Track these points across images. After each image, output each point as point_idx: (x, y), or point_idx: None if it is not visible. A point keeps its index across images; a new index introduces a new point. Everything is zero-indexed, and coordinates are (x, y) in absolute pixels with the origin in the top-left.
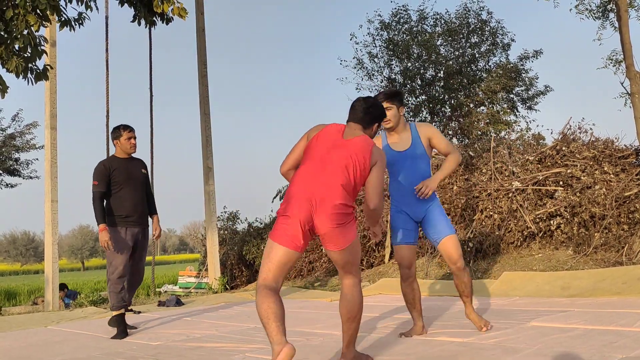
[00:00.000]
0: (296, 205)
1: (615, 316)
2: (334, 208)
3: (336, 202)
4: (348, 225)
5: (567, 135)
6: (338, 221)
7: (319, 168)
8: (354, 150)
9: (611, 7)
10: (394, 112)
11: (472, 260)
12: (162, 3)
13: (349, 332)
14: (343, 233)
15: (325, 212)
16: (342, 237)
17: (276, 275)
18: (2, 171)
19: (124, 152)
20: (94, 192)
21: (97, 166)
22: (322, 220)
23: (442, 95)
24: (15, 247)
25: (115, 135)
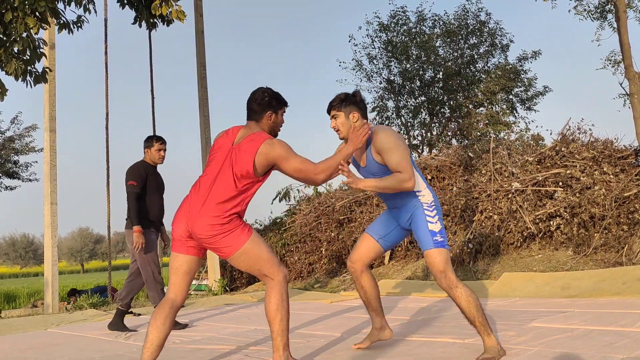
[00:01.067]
0: (176, 217)
1: (616, 317)
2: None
3: (211, 215)
4: (230, 235)
5: (566, 135)
6: (213, 233)
7: (203, 181)
8: (237, 158)
9: (610, 8)
10: (341, 120)
11: (472, 261)
12: (160, 6)
13: (272, 336)
14: (224, 242)
15: (199, 226)
16: (224, 247)
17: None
18: (2, 174)
19: (152, 162)
20: (132, 192)
21: (135, 168)
22: (199, 230)
23: (441, 96)
24: (15, 250)
25: (147, 144)
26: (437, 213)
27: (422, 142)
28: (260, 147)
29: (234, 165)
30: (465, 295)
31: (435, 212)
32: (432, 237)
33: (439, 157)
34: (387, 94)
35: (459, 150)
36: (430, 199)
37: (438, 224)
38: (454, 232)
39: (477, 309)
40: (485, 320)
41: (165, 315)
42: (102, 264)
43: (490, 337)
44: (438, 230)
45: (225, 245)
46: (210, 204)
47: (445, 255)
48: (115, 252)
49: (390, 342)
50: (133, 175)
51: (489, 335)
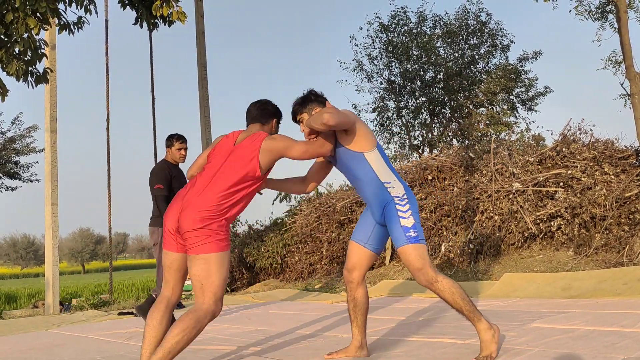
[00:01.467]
0: (168, 211)
1: (617, 317)
2: (197, 214)
3: (203, 208)
4: (209, 236)
5: (567, 136)
6: (195, 227)
7: (200, 178)
8: (239, 156)
9: (610, 9)
10: (305, 121)
11: (473, 261)
12: (161, 7)
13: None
14: (198, 240)
15: (186, 217)
16: (195, 243)
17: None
18: (2, 174)
19: (174, 161)
20: (160, 195)
21: (159, 170)
22: (184, 221)
23: (442, 96)
24: (16, 250)
25: (169, 143)
26: (411, 207)
27: (423, 143)
28: (263, 143)
29: (236, 163)
30: (448, 287)
31: (407, 205)
32: (404, 232)
33: (439, 158)
34: (387, 94)
35: (459, 151)
36: (401, 192)
37: (411, 218)
38: (454, 232)
39: (462, 297)
40: (472, 306)
41: (161, 314)
42: (103, 264)
43: (481, 322)
44: (411, 225)
45: (197, 242)
46: (203, 199)
47: (420, 251)
48: (116, 253)
49: (391, 343)
50: (158, 178)
51: (479, 320)
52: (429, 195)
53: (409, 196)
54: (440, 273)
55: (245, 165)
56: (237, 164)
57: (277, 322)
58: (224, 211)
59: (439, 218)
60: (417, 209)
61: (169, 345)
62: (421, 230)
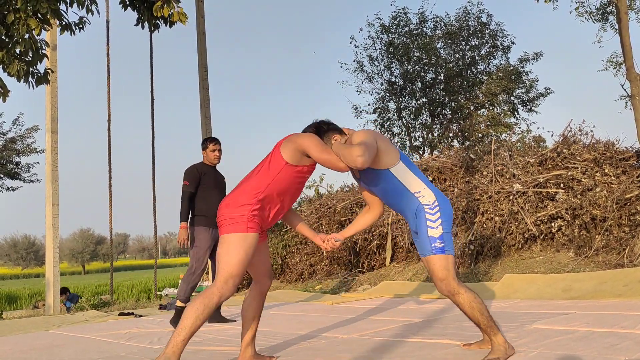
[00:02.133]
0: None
1: (617, 318)
2: (232, 200)
3: (236, 197)
4: (234, 218)
5: (567, 137)
6: (227, 208)
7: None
8: (274, 152)
9: (611, 10)
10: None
11: (473, 262)
12: (162, 8)
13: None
14: (225, 221)
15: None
16: (223, 225)
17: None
18: (3, 175)
19: (209, 162)
20: (184, 191)
21: (190, 168)
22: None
23: (443, 97)
24: (16, 251)
25: (203, 146)
26: (441, 216)
27: (424, 144)
28: (289, 136)
29: (265, 159)
30: (468, 301)
31: (438, 214)
32: (431, 243)
33: (440, 159)
34: (388, 95)
35: (460, 152)
36: (431, 200)
37: (440, 228)
38: (455, 233)
39: (481, 312)
40: (491, 321)
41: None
42: (103, 265)
43: (497, 336)
44: (438, 236)
45: (222, 224)
46: (238, 191)
47: (445, 262)
48: (116, 254)
49: (391, 344)
50: (187, 176)
51: (495, 334)
52: None
53: (441, 203)
54: (463, 286)
55: (269, 156)
56: (265, 162)
57: (278, 323)
58: (254, 199)
59: None
60: (449, 218)
61: (188, 323)
62: (450, 239)
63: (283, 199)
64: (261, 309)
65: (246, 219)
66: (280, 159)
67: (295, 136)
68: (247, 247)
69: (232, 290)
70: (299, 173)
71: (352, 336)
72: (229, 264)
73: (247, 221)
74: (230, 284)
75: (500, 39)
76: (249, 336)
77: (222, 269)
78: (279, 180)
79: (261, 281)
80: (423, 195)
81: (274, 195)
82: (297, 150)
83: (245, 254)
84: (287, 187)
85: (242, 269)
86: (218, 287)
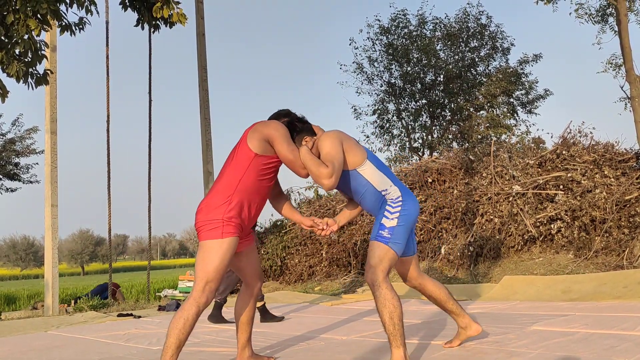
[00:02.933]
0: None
1: (617, 320)
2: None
3: (210, 201)
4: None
5: (567, 139)
6: (202, 215)
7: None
8: (236, 148)
9: (610, 12)
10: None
11: (473, 264)
12: (162, 9)
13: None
14: (201, 228)
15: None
16: (200, 232)
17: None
18: (2, 176)
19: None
20: None
21: None
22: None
23: (442, 99)
24: (15, 252)
25: None
26: (401, 211)
27: (423, 145)
28: (254, 125)
29: (233, 155)
30: (383, 299)
31: (398, 208)
32: (378, 229)
33: (439, 160)
34: (387, 96)
35: (459, 153)
36: (396, 195)
37: (394, 220)
38: (454, 235)
39: (391, 317)
40: (397, 330)
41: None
42: (102, 266)
43: (397, 350)
44: (389, 227)
45: (200, 230)
46: (211, 194)
47: (382, 252)
48: (115, 255)
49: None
50: None
51: (397, 347)
52: (429, 197)
53: (405, 200)
54: (389, 284)
55: (235, 149)
56: (233, 155)
57: (277, 324)
58: (228, 200)
59: (438, 220)
60: (409, 216)
61: (168, 343)
62: (400, 237)
63: (262, 193)
64: (254, 311)
65: (221, 223)
66: (248, 151)
67: (262, 125)
68: (223, 254)
69: (210, 296)
70: (272, 162)
71: (351, 337)
72: (205, 271)
73: (222, 226)
74: (207, 291)
75: (500, 41)
76: (244, 338)
77: (198, 277)
78: (251, 174)
79: (251, 283)
80: (389, 192)
81: (250, 191)
82: (263, 140)
83: (221, 260)
84: (260, 179)
85: (218, 275)
86: (195, 297)
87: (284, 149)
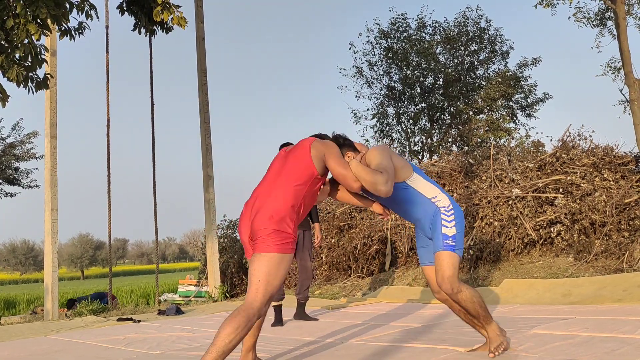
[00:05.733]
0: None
1: (617, 323)
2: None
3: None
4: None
5: (566, 142)
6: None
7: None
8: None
9: (609, 15)
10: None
11: (473, 267)
12: (162, 12)
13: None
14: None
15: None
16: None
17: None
18: (2, 180)
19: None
20: None
21: None
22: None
23: (442, 102)
24: (15, 256)
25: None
26: (455, 218)
27: (423, 149)
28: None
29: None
30: (470, 297)
31: (452, 216)
32: (443, 240)
33: (439, 164)
34: (387, 100)
35: (459, 157)
36: (446, 203)
37: (453, 229)
38: None
39: (481, 305)
40: (487, 312)
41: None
42: (102, 270)
43: (491, 325)
44: (451, 235)
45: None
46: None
47: (454, 260)
48: (115, 259)
49: (390, 349)
50: None
51: (489, 323)
52: None
53: (455, 207)
54: (465, 284)
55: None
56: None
57: (277, 328)
58: (295, 215)
59: None
60: (461, 220)
61: (222, 344)
62: (461, 241)
63: (305, 210)
64: (264, 316)
65: (291, 239)
66: (314, 171)
67: (321, 145)
68: (285, 269)
69: (267, 309)
70: (320, 184)
71: (351, 341)
72: (272, 284)
73: (292, 242)
74: (268, 305)
75: (499, 44)
76: (250, 342)
77: (263, 288)
78: (310, 192)
79: None
80: (439, 200)
81: (303, 207)
82: (322, 161)
83: (283, 275)
84: (311, 196)
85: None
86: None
87: (337, 164)
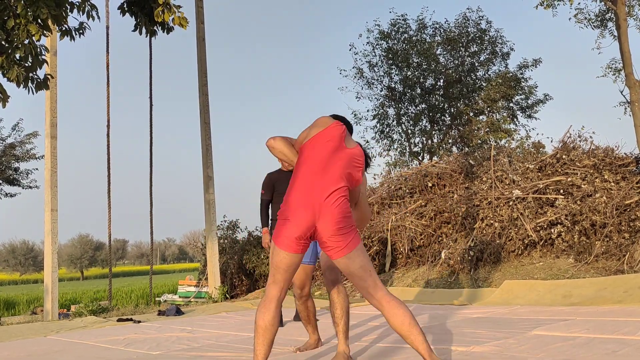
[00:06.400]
0: (297, 209)
1: (617, 325)
2: (339, 214)
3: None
4: (351, 231)
5: (567, 143)
6: (341, 225)
7: (320, 172)
8: (354, 161)
9: (610, 17)
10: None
11: (473, 269)
12: (163, 13)
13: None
14: (346, 238)
15: (329, 217)
16: (344, 241)
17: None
18: (2, 180)
19: (285, 168)
20: (261, 199)
21: (265, 177)
22: (326, 225)
23: (442, 103)
24: (15, 257)
25: None
26: None
27: (423, 150)
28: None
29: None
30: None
31: None
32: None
33: (439, 165)
34: (387, 101)
35: (459, 158)
36: None
37: None
38: (455, 239)
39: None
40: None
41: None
42: (101, 270)
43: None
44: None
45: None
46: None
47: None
48: (115, 259)
49: (391, 350)
50: (262, 185)
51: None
52: (429, 202)
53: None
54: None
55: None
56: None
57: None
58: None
59: (439, 225)
60: None
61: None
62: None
63: None
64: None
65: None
66: (360, 179)
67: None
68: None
69: None
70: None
71: (352, 343)
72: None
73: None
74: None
75: (500, 46)
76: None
77: (374, 272)
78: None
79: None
80: None
81: None
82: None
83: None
84: None
85: None
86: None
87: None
